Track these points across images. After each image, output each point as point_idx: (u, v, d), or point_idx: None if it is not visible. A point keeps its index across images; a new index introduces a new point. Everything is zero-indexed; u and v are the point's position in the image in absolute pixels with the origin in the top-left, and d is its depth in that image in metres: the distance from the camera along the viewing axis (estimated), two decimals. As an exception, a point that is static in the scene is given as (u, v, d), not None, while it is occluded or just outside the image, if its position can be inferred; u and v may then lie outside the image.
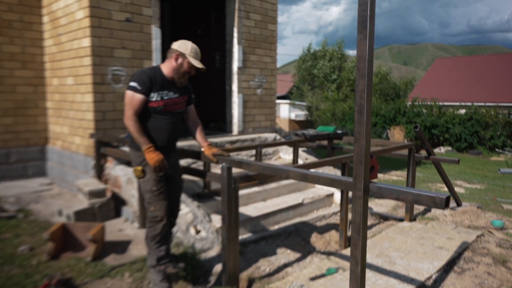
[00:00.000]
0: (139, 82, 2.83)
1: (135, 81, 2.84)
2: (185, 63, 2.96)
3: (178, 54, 2.95)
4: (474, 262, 3.83)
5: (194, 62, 2.96)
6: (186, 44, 2.98)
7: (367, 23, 2.00)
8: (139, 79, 2.84)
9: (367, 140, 2.08)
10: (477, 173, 11.67)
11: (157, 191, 3.00)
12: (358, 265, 2.16)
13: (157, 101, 2.92)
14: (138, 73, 2.91)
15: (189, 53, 2.94)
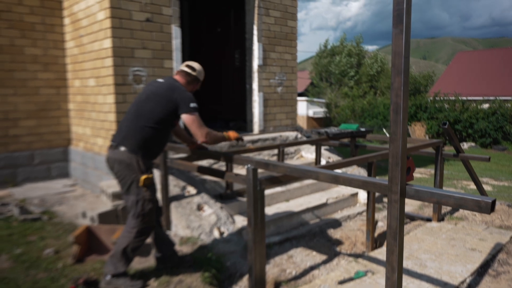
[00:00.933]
0: (196, 103, 2.98)
1: (194, 102, 2.96)
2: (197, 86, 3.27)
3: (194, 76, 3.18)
4: (510, 265, 3.66)
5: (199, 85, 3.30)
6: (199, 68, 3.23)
7: (403, 17, 1.89)
8: (194, 100, 2.97)
9: (404, 141, 1.97)
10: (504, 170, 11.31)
11: (156, 201, 3.03)
12: (394, 273, 2.05)
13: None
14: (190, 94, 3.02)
15: (201, 77, 3.25)
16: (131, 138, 2.86)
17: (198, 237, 3.79)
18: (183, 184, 4.39)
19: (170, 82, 3.05)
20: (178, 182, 4.39)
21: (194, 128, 2.93)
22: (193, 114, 2.91)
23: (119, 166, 2.84)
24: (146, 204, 2.86)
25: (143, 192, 2.85)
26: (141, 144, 2.85)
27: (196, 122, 2.92)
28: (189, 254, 3.46)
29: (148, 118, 2.88)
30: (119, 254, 2.86)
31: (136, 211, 2.86)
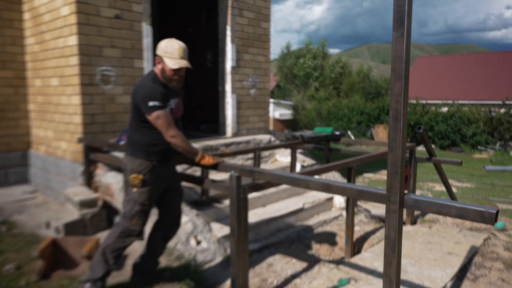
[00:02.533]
0: (158, 98, 2.63)
1: (154, 99, 2.61)
2: (165, 67, 2.70)
3: (157, 58, 2.73)
4: (486, 267, 3.72)
5: (170, 63, 2.66)
6: (161, 44, 2.71)
7: (405, 20, 1.81)
8: (155, 96, 2.62)
9: (403, 149, 1.90)
10: (464, 171, 11.76)
11: (148, 206, 2.82)
12: (392, 285, 1.97)
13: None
14: (148, 90, 2.65)
15: (164, 54, 2.67)
16: (128, 141, 2.86)
17: (174, 247, 3.59)
18: (156, 191, 4.17)
19: (142, 78, 2.83)
20: (151, 188, 4.16)
21: (160, 126, 2.66)
22: (154, 112, 2.62)
23: (123, 170, 2.85)
24: (133, 205, 2.74)
25: (132, 192, 2.75)
26: (134, 146, 2.77)
27: (159, 120, 2.64)
28: (167, 269, 3.27)
29: (132, 120, 2.81)
30: (99, 255, 2.75)
31: (124, 210, 2.79)
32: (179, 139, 2.72)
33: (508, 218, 5.89)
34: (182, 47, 2.70)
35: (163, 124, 2.64)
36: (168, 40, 2.72)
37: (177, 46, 2.68)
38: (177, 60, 2.68)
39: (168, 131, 2.66)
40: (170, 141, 2.69)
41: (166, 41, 2.71)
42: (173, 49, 2.67)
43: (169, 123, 2.67)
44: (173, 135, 2.68)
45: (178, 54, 2.68)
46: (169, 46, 2.67)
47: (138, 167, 2.73)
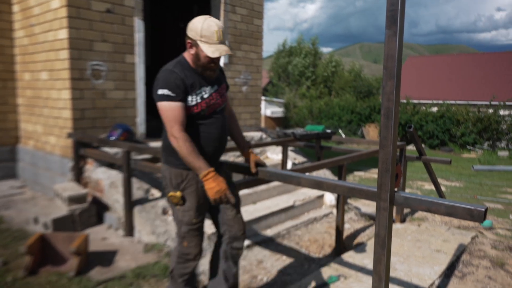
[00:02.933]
0: (170, 87, 2.14)
1: (164, 87, 2.14)
2: (200, 53, 2.18)
3: (190, 42, 2.20)
4: (473, 265, 3.77)
5: (208, 50, 2.14)
6: (194, 25, 2.17)
7: (397, 18, 1.82)
8: (167, 83, 2.14)
9: (394, 147, 1.91)
10: (453, 170, 11.90)
11: (197, 224, 2.36)
12: (382, 282, 1.99)
13: (197, 104, 2.23)
14: (164, 75, 2.18)
15: (199, 38, 2.15)
16: (161, 145, 2.41)
17: (164, 243, 3.57)
18: (146, 187, 4.15)
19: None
20: (141, 184, 4.14)
21: (163, 121, 2.19)
22: (160, 102, 2.16)
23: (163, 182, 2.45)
24: (180, 226, 2.36)
25: (176, 210, 2.36)
26: (167, 151, 2.32)
27: (164, 113, 2.16)
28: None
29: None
30: (170, 279, 2.51)
31: (176, 230, 2.43)
32: (180, 142, 2.11)
33: (495, 217, 5.98)
34: (221, 29, 2.18)
35: (167, 118, 2.14)
36: (203, 19, 2.18)
37: (215, 28, 2.15)
38: (216, 46, 2.16)
39: (171, 128, 2.14)
40: (172, 142, 2.16)
41: (201, 20, 2.17)
42: (210, 32, 2.14)
43: (175, 119, 2.14)
44: (175, 136, 2.12)
45: (217, 38, 2.16)
46: (205, 28, 2.14)
47: (175, 180, 2.29)
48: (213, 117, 2.32)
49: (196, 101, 2.23)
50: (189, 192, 2.29)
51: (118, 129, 4.53)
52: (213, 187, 2.13)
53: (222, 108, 2.41)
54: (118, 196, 4.00)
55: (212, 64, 2.24)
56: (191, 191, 2.30)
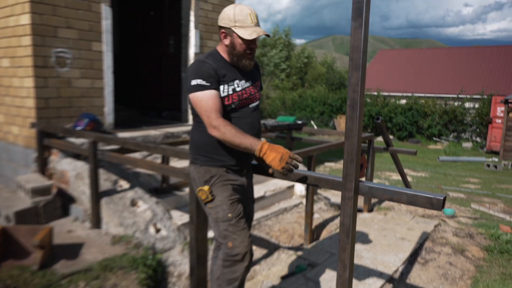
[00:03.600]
0: (203, 76, 2.03)
1: (198, 77, 2.02)
2: (236, 41, 2.08)
3: (224, 32, 2.11)
4: (435, 252, 3.91)
5: (245, 33, 2.05)
6: (226, 13, 2.08)
7: (363, 10, 1.84)
8: (200, 73, 2.03)
9: (359, 138, 1.94)
10: (419, 161, 12.28)
11: (235, 218, 2.17)
12: (346, 270, 2.03)
13: (229, 96, 2.11)
14: (195, 66, 2.07)
15: (234, 24, 2.05)
16: (189, 143, 2.29)
17: (132, 235, 3.53)
18: (114, 178, 4.07)
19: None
20: (109, 175, 4.06)
21: (199, 112, 2.05)
22: (193, 93, 2.03)
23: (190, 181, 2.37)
24: (217, 225, 2.18)
25: (208, 210, 2.21)
26: (195, 150, 2.23)
27: (199, 104, 2.03)
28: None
29: (192, 115, 2.24)
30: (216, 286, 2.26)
31: (214, 235, 2.26)
32: (222, 129, 1.98)
33: (458, 205, 6.23)
34: (254, 12, 2.10)
35: (202, 109, 2.01)
36: (233, 6, 2.10)
37: (248, 11, 2.07)
38: (253, 29, 2.06)
39: (208, 118, 2.00)
40: (212, 133, 2.02)
41: (231, 7, 2.09)
42: (244, 15, 2.05)
43: (211, 108, 2.00)
44: (214, 125, 1.99)
45: (252, 21, 2.07)
46: (238, 13, 2.05)
47: (203, 177, 2.18)
48: (244, 112, 2.19)
49: (228, 93, 2.11)
50: (218, 186, 2.16)
51: (84, 119, 4.41)
52: (274, 157, 1.94)
53: (255, 105, 2.27)
54: (85, 187, 3.90)
55: (249, 51, 2.12)
56: (221, 185, 2.17)
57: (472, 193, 7.46)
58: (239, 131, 2.00)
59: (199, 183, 2.19)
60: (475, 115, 17.14)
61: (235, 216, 2.16)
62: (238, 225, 2.16)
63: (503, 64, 23.22)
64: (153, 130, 5.26)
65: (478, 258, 3.88)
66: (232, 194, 2.19)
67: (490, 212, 5.97)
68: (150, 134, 4.99)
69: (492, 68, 23.19)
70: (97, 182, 3.70)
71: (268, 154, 1.95)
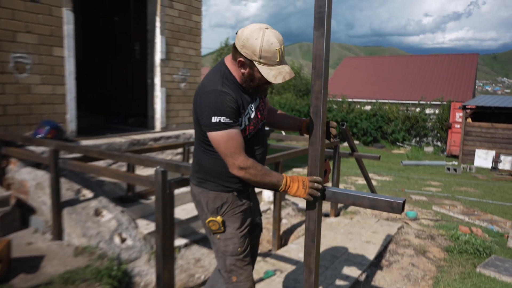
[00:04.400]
0: (227, 113, 1.79)
1: (220, 114, 1.78)
2: (256, 75, 1.84)
3: (243, 61, 1.82)
4: (399, 254, 4.03)
5: (269, 74, 1.79)
6: (251, 42, 1.75)
7: (325, 20, 1.89)
8: (222, 108, 1.78)
9: (323, 144, 1.98)
10: (384, 166, 12.63)
11: (243, 253, 2.06)
12: (312, 274, 2.06)
13: (245, 128, 1.93)
14: (214, 98, 1.80)
15: (258, 60, 1.77)
16: (195, 165, 2.08)
17: (96, 245, 3.43)
18: (77, 187, 3.95)
19: (209, 74, 1.95)
20: (71, 185, 3.93)
21: (222, 153, 1.84)
22: (216, 132, 1.80)
23: (193, 201, 2.14)
24: (224, 259, 2.05)
25: (216, 241, 2.05)
26: (204, 174, 2.03)
27: (222, 145, 1.81)
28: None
29: (196, 135, 2.02)
30: None
31: (218, 266, 2.12)
32: (252, 171, 1.83)
33: (420, 208, 6.44)
34: (283, 45, 1.81)
35: (228, 150, 1.81)
36: (260, 32, 1.76)
37: (277, 46, 1.77)
38: (278, 68, 1.81)
39: (235, 160, 1.82)
40: (238, 174, 1.84)
41: (258, 36, 1.76)
42: (272, 52, 1.76)
43: (238, 149, 1.82)
44: (243, 167, 1.82)
45: (279, 58, 1.80)
46: (266, 48, 1.75)
47: (213, 204, 2.01)
48: (256, 138, 2.05)
49: (245, 124, 1.92)
50: (229, 216, 2.02)
51: (45, 126, 4.26)
52: (297, 186, 1.88)
53: (263, 122, 2.12)
54: (45, 197, 3.76)
55: (267, 85, 1.91)
56: (232, 215, 2.03)
57: (433, 196, 7.74)
58: (264, 169, 1.88)
59: (209, 211, 2.03)
60: (436, 121, 17.83)
61: (243, 251, 2.07)
62: (245, 259, 2.08)
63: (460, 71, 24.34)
64: (118, 137, 5.15)
65: (439, 259, 4.02)
66: (242, 223, 2.07)
67: (450, 214, 6.21)
68: (115, 142, 4.88)
69: (450, 75, 24.26)
70: (59, 191, 3.58)
71: (292, 186, 1.89)
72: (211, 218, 2.01)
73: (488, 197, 7.90)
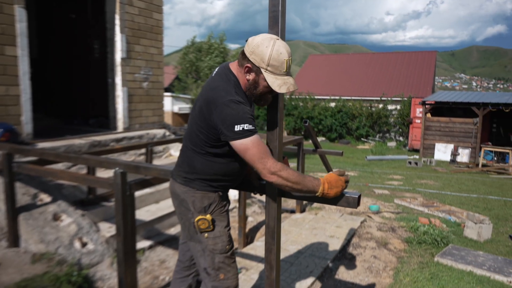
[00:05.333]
0: (248, 120, 1.80)
1: (242, 122, 1.78)
2: (261, 82, 1.87)
3: (250, 67, 1.86)
4: (361, 247, 4.14)
5: (275, 83, 1.82)
6: (261, 49, 1.80)
7: (279, 19, 1.91)
8: (243, 116, 1.79)
9: (280, 141, 2.01)
10: (349, 161, 12.92)
11: (230, 250, 2.11)
12: (273, 271, 2.08)
13: None
14: (234, 108, 1.80)
15: (266, 67, 1.81)
16: (184, 165, 2.07)
17: (55, 251, 3.32)
18: (34, 192, 3.80)
19: (218, 81, 1.94)
20: (28, 189, 3.78)
21: (250, 160, 1.81)
22: (242, 140, 1.79)
23: (174, 201, 2.14)
24: (212, 257, 2.07)
25: (203, 239, 2.06)
26: (193, 174, 2.04)
27: (250, 151, 1.79)
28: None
29: (194, 137, 2.01)
30: None
31: (204, 265, 2.10)
32: (284, 174, 1.80)
33: (383, 201, 6.63)
34: (291, 56, 1.85)
35: (256, 156, 1.79)
36: (271, 42, 1.81)
37: (285, 56, 1.81)
38: (283, 79, 1.83)
39: (264, 165, 1.79)
40: (271, 180, 1.81)
41: (268, 44, 1.80)
42: (280, 61, 1.80)
43: (265, 153, 1.81)
44: (274, 171, 1.79)
45: (286, 69, 1.83)
46: (275, 56, 1.79)
47: (201, 203, 2.03)
48: None
49: None
50: (218, 215, 2.06)
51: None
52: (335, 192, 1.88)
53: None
54: (0, 203, 3.60)
55: (269, 95, 1.93)
56: (219, 213, 2.07)
57: (396, 189, 8.00)
58: (297, 172, 1.86)
59: (196, 210, 2.04)
60: (398, 116, 18.40)
61: (230, 248, 2.12)
62: (232, 257, 2.13)
63: (420, 68, 25.22)
64: (78, 139, 5.00)
65: (400, 250, 4.16)
66: (228, 222, 2.14)
67: (411, 206, 6.43)
68: (75, 144, 4.74)
69: (411, 72, 25.08)
70: (14, 197, 3.43)
71: (329, 193, 1.87)
72: (201, 216, 2.02)
73: (446, 189, 8.24)
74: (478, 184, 9.12)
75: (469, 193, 7.88)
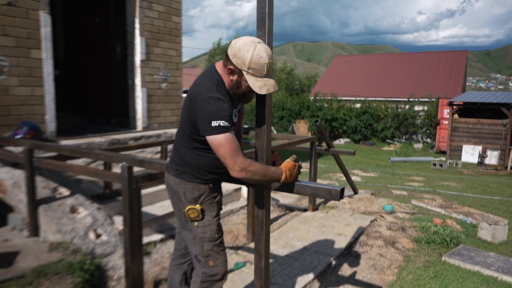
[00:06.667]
0: (225, 117, 1.91)
1: (219, 118, 1.90)
2: (243, 83, 1.99)
3: (233, 68, 1.97)
4: (368, 245, 4.16)
5: (256, 85, 1.93)
6: (242, 53, 1.90)
7: (266, 20, 2.01)
8: (221, 113, 1.90)
9: (268, 136, 2.10)
10: (372, 163, 12.78)
11: (219, 238, 2.24)
12: (262, 260, 2.18)
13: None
14: (212, 105, 1.91)
15: (247, 70, 1.92)
16: (175, 158, 2.21)
17: (70, 241, 3.53)
18: (54, 185, 4.05)
19: (202, 78, 2.07)
20: (48, 183, 4.03)
21: (222, 155, 1.92)
22: (216, 136, 1.90)
23: (168, 192, 2.30)
24: (202, 244, 2.19)
25: (194, 228, 2.19)
26: (183, 167, 2.17)
27: (222, 148, 1.90)
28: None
29: (183, 132, 2.14)
30: None
31: (194, 252, 2.24)
32: (251, 168, 1.92)
33: (399, 202, 6.58)
34: (271, 59, 1.95)
35: (227, 153, 1.90)
36: (252, 45, 1.90)
37: (266, 59, 1.91)
38: (264, 80, 1.94)
39: (234, 162, 1.90)
40: (238, 176, 1.93)
41: (249, 48, 1.90)
42: (260, 64, 1.90)
43: (237, 151, 1.92)
44: (243, 167, 1.91)
45: (266, 71, 1.93)
46: (255, 60, 1.89)
47: (191, 194, 2.15)
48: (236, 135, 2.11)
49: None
50: (207, 205, 2.18)
51: (24, 127, 4.35)
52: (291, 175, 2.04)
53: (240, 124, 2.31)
54: (22, 196, 3.86)
55: (251, 94, 2.08)
56: (209, 204, 2.19)
57: (415, 190, 7.89)
58: (263, 165, 1.99)
59: (187, 201, 2.16)
60: (425, 118, 18.01)
61: (219, 236, 2.24)
62: (221, 245, 2.25)
63: (450, 68, 24.56)
64: (99, 137, 5.25)
65: (408, 249, 4.16)
66: (218, 212, 2.27)
67: (427, 207, 6.35)
68: (95, 141, 4.98)
69: (440, 72, 24.46)
70: (34, 189, 3.68)
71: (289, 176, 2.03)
72: (190, 206, 2.15)
73: (469, 191, 8.06)
74: (503, 186, 8.85)
75: (492, 195, 7.68)
